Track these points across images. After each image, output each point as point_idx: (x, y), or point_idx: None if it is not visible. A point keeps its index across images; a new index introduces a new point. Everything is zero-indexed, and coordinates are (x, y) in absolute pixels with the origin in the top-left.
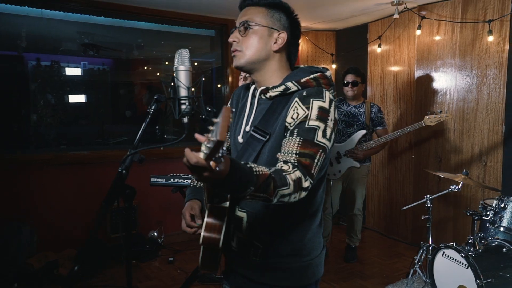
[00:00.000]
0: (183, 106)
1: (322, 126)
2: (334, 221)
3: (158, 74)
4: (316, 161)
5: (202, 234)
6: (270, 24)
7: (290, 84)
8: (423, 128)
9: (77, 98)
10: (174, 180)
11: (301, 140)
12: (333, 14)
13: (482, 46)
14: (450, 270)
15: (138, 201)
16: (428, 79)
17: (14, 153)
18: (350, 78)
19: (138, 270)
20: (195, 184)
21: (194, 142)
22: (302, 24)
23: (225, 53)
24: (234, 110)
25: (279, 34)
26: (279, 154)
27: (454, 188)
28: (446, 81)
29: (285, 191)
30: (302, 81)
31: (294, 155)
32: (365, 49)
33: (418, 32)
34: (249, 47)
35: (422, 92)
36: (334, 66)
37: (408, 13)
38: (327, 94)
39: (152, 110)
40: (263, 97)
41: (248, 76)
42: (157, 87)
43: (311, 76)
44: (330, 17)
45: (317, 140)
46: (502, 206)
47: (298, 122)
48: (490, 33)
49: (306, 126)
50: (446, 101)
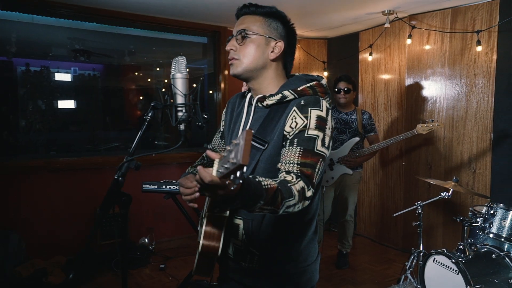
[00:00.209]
0: (180, 113)
1: (321, 135)
2: (325, 227)
3: (149, 80)
4: (317, 170)
5: (201, 242)
6: (267, 33)
7: (287, 92)
8: (414, 136)
9: (67, 104)
10: (166, 186)
11: (301, 150)
12: (325, 23)
13: (470, 55)
14: (441, 276)
15: (130, 206)
16: (418, 88)
17: (2, 159)
18: (342, 85)
19: (128, 277)
20: (188, 171)
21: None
22: None
23: (217, 59)
24: (229, 121)
25: (276, 43)
26: (280, 164)
27: (445, 194)
28: (436, 89)
29: (291, 202)
30: (298, 89)
31: (296, 165)
32: (356, 57)
33: (409, 41)
34: (246, 56)
35: (412, 100)
36: (325, 73)
37: (398, 22)
38: (324, 103)
39: (149, 117)
40: (260, 105)
41: None
42: (151, 94)
43: (308, 84)
44: (322, 25)
45: (317, 149)
46: (492, 212)
47: (297, 131)
48: (478, 43)
49: (306, 135)
50: (436, 109)
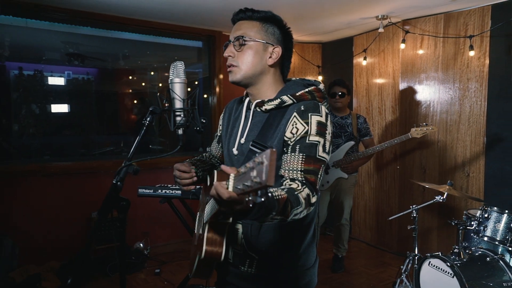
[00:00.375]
0: (178, 118)
1: (321, 141)
2: (321, 231)
3: (143, 84)
4: (319, 176)
5: (204, 248)
6: (265, 38)
7: (285, 97)
8: (408, 139)
9: (60, 108)
10: (162, 191)
11: (304, 156)
12: (319, 27)
13: (463, 60)
14: (436, 279)
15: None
16: (412, 92)
17: None
18: (337, 89)
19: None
20: (190, 160)
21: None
22: None
23: (212, 64)
24: (227, 126)
25: (274, 49)
26: (284, 171)
27: (440, 198)
28: (429, 93)
29: (298, 210)
30: (297, 94)
31: (300, 172)
32: (350, 61)
33: (402, 46)
34: (244, 62)
35: (406, 104)
36: (320, 77)
37: (392, 27)
38: (323, 108)
39: (147, 122)
40: (258, 109)
41: None
42: (145, 98)
43: (306, 89)
44: (316, 29)
45: (318, 155)
46: (486, 216)
47: (298, 137)
48: (471, 48)
49: (307, 141)
50: (430, 113)
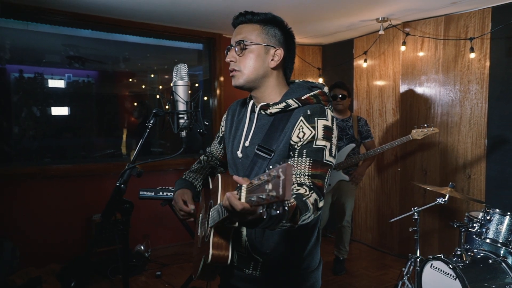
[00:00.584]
0: (182, 121)
1: (328, 145)
2: (322, 233)
3: (143, 86)
4: (326, 180)
5: (210, 252)
6: (266, 41)
7: (290, 101)
8: (409, 141)
9: (61, 111)
10: (163, 193)
11: (311, 161)
12: (319, 29)
13: (464, 62)
14: (438, 281)
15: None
16: (412, 94)
17: None
18: (338, 92)
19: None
20: (186, 178)
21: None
22: None
23: (213, 66)
24: (230, 127)
25: (276, 51)
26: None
27: (441, 200)
28: (430, 95)
29: (306, 215)
30: (302, 98)
31: (307, 177)
32: (351, 63)
33: (403, 48)
34: (247, 67)
35: (407, 106)
36: (320, 80)
37: (392, 29)
38: (329, 112)
39: (150, 124)
40: (263, 112)
41: None
42: (145, 100)
43: (311, 93)
44: (316, 32)
45: (325, 159)
46: (488, 218)
47: (305, 142)
48: (471, 50)
49: (314, 146)
50: (431, 115)
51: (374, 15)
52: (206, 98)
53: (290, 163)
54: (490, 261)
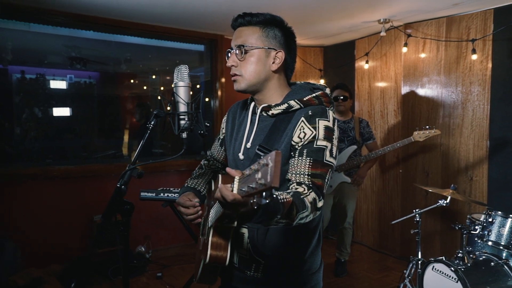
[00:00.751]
0: (183, 122)
1: (329, 145)
2: (323, 235)
3: (145, 87)
4: (326, 180)
5: (208, 252)
6: (267, 44)
7: (292, 102)
8: (411, 143)
9: (62, 111)
10: (164, 194)
11: (311, 160)
12: (321, 31)
13: (466, 64)
14: (440, 284)
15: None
16: (414, 95)
17: None
18: (339, 93)
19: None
20: (188, 185)
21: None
22: None
23: (214, 67)
24: (231, 129)
25: (277, 53)
26: (291, 175)
27: (443, 202)
28: (432, 97)
29: (304, 214)
30: (304, 99)
31: (307, 176)
32: (352, 65)
33: (404, 49)
34: (248, 71)
35: (409, 107)
36: (322, 81)
37: (394, 31)
38: (331, 113)
39: (151, 126)
40: (264, 114)
41: None
42: (147, 101)
43: (313, 94)
44: (318, 33)
45: (326, 160)
46: (490, 220)
47: (306, 142)
48: (473, 51)
49: (315, 146)
50: (432, 116)
51: (376, 17)
52: (207, 99)
53: (279, 151)
54: (492, 263)
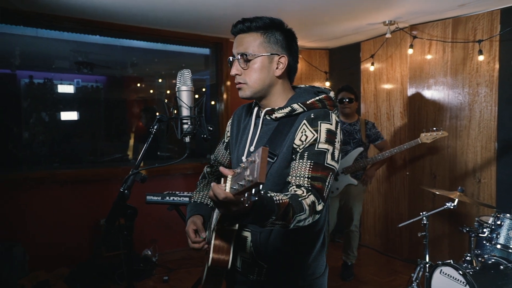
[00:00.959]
0: (185, 126)
1: (330, 148)
2: (330, 238)
3: (151, 91)
4: (327, 183)
5: (210, 255)
6: (269, 50)
7: (296, 105)
8: (418, 145)
9: (70, 116)
10: (170, 198)
11: (312, 163)
12: (326, 33)
13: (473, 65)
14: (448, 287)
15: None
16: (420, 97)
17: (6, 171)
18: (345, 95)
19: None
20: (196, 200)
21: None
22: None
23: (219, 71)
24: (236, 133)
25: (280, 58)
26: (291, 177)
27: (450, 205)
28: (438, 99)
29: (302, 216)
30: (307, 102)
31: (307, 179)
32: (358, 67)
33: (410, 51)
34: (252, 79)
35: (415, 109)
36: (327, 83)
37: (400, 32)
38: (334, 116)
39: (154, 130)
40: (268, 117)
41: None
42: (153, 105)
43: (317, 98)
44: (323, 36)
45: (327, 163)
46: (498, 223)
47: (307, 145)
48: (480, 52)
49: (316, 149)
50: (439, 118)
51: (381, 18)
52: (213, 103)
53: (267, 147)
54: (502, 267)
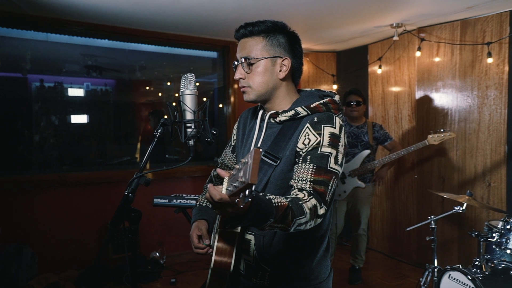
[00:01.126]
0: (189, 130)
1: (334, 152)
2: (338, 241)
3: (160, 94)
4: (329, 187)
5: (213, 258)
6: (271, 53)
7: (299, 109)
8: (426, 147)
9: (79, 119)
10: (177, 200)
11: (314, 167)
12: (333, 36)
13: (482, 67)
14: None
15: (140, 221)
16: (429, 100)
17: (17, 174)
18: (353, 98)
19: None
20: (201, 204)
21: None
22: (302, 45)
23: (227, 74)
24: (242, 136)
25: (283, 61)
26: (293, 181)
27: (459, 209)
28: (447, 101)
29: (302, 220)
30: (311, 106)
31: (309, 183)
32: (365, 70)
33: (418, 53)
34: (256, 82)
35: (423, 112)
36: (335, 86)
37: (407, 35)
38: (337, 120)
39: (158, 134)
40: (272, 120)
41: None
42: (163, 108)
43: (321, 101)
44: (330, 38)
45: (330, 166)
46: (508, 227)
47: (310, 148)
48: (489, 55)
49: (319, 152)
50: (448, 121)
51: (388, 21)
52: (221, 106)
53: (259, 149)
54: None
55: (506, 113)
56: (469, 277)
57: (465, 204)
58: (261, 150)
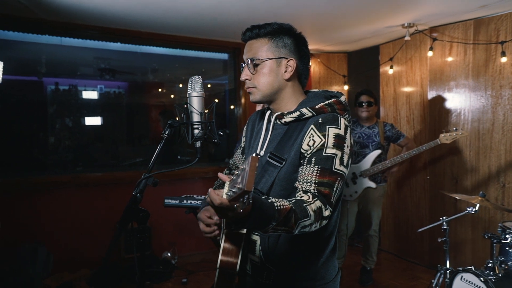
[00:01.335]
0: (196, 131)
1: (339, 153)
2: (349, 242)
3: (172, 96)
4: (335, 189)
5: (219, 258)
6: (277, 54)
7: (304, 110)
8: (438, 147)
9: (93, 121)
10: (187, 201)
11: (319, 168)
12: (344, 37)
13: (495, 67)
14: None
15: (151, 222)
16: (441, 100)
17: (32, 175)
18: (365, 99)
19: None
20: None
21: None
22: (313, 46)
23: (237, 75)
24: (250, 137)
25: (288, 62)
26: (298, 183)
27: (471, 210)
28: (460, 101)
29: (306, 222)
30: (316, 107)
31: (313, 184)
32: (377, 70)
33: (430, 53)
34: (261, 83)
35: (435, 112)
36: (346, 87)
37: (419, 35)
38: (343, 121)
39: (166, 135)
40: (278, 122)
41: None
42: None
43: (326, 102)
44: (341, 39)
45: (335, 168)
46: None
47: (315, 150)
48: (503, 54)
49: (324, 154)
50: (461, 121)
51: (400, 21)
52: (232, 107)
53: (256, 155)
54: None
55: None
56: (481, 279)
57: (477, 205)
58: (259, 156)
